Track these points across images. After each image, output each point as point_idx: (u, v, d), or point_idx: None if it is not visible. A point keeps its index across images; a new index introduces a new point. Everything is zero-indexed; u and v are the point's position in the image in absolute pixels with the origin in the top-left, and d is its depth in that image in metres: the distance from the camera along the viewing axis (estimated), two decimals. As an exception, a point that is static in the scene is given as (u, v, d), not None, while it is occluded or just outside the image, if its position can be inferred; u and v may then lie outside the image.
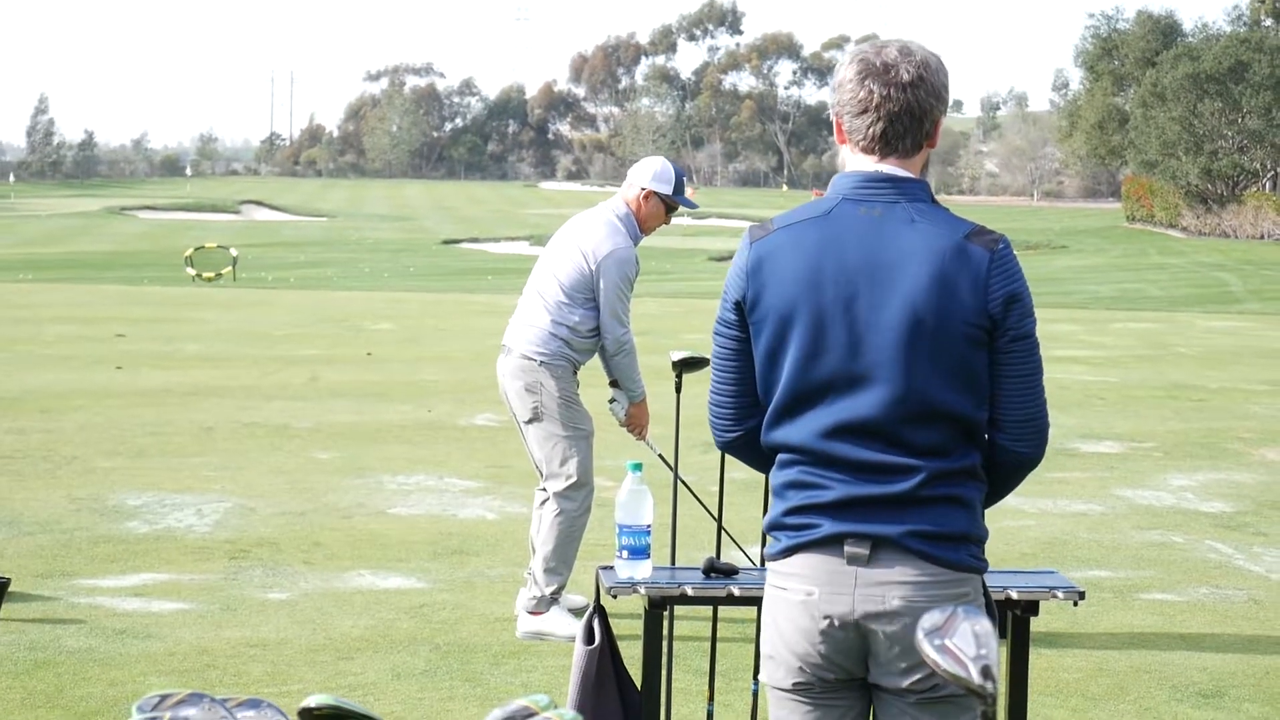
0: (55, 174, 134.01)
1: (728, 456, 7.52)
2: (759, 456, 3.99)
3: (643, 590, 5.74)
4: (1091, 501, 12.20)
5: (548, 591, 8.28)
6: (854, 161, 3.84)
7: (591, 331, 8.38)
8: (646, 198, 8.43)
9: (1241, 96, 71.89)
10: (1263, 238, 68.88)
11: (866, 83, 3.77)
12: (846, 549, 3.70)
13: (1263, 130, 73.11)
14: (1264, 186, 75.11)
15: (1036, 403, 3.84)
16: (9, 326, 25.55)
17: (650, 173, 8.45)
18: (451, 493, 12.04)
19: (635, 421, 8.63)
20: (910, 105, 3.76)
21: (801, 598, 3.74)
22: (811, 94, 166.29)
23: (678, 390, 7.34)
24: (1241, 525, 11.59)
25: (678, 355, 7.47)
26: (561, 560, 8.34)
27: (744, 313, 3.82)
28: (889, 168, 3.79)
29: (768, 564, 3.86)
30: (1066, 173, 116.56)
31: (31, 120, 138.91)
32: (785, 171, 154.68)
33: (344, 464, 13.12)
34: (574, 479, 8.31)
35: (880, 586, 3.69)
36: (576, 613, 8.42)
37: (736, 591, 5.89)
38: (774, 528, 3.84)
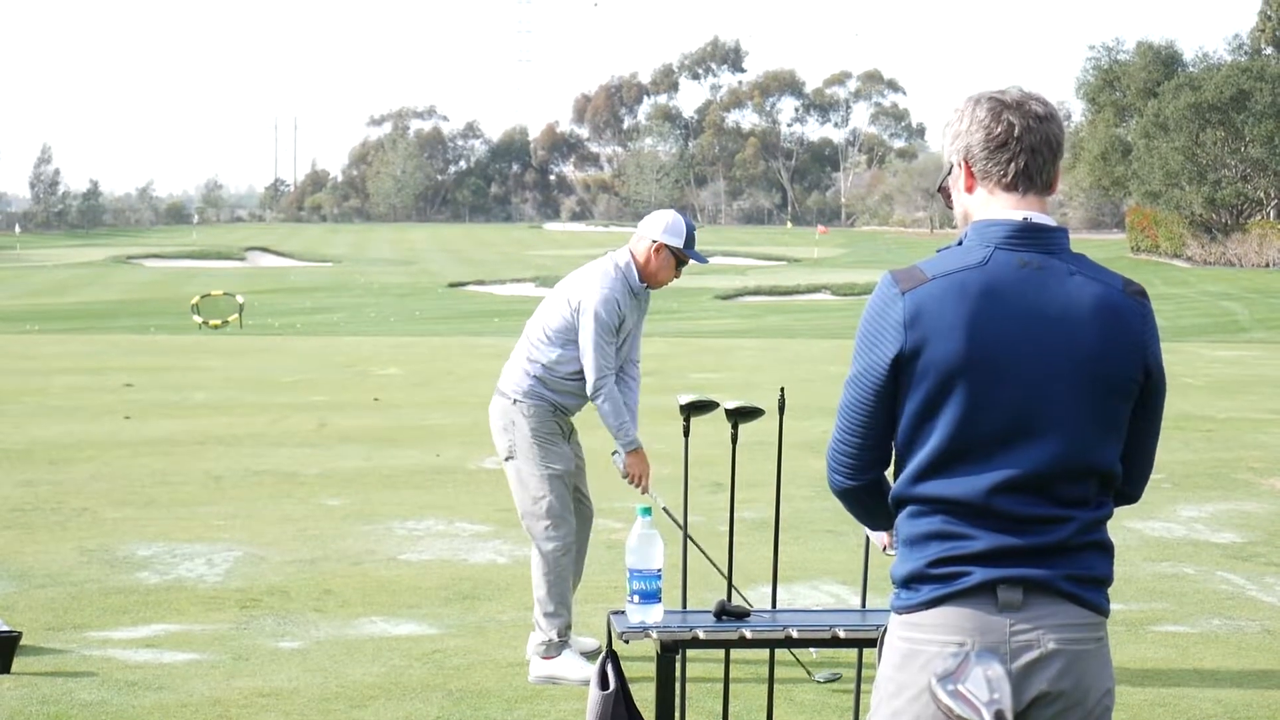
0: (60, 224, 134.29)
1: (737, 497, 7.55)
2: (866, 507, 3.91)
3: (655, 635, 5.75)
4: (1102, 535, 12.15)
5: (552, 635, 8.28)
6: (990, 205, 3.75)
7: (572, 375, 8.38)
8: (657, 251, 8.44)
9: (1244, 125, 72.04)
10: (1268, 266, 68.93)
11: (1004, 116, 3.70)
12: (1000, 595, 3.60)
13: (1266, 159, 73.25)
14: (1269, 215, 75.21)
15: (1154, 452, 3.88)
16: (17, 378, 25.58)
17: (661, 226, 8.46)
18: (462, 537, 12.03)
19: (632, 471, 8.57)
20: (1048, 137, 3.71)
21: (952, 650, 3.60)
22: (814, 130, 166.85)
23: (685, 435, 7.33)
24: (1253, 555, 11.58)
25: (685, 399, 7.47)
26: (559, 602, 8.33)
27: (899, 365, 3.67)
28: (1036, 216, 3.71)
29: (899, 615, 3.71)
30: (1070, 204, 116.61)
31: (35, 170, 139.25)
32: (789, 208, 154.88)
33: (353, 510, 13.12)
34: (547, 521, 8.33)
35: (1034, 631, 3.61)
36: (588, 655, 8.41)
37: (748, 634, 5.89)
38: (915, 579, 3.68)
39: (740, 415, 7.19)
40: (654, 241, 8.43)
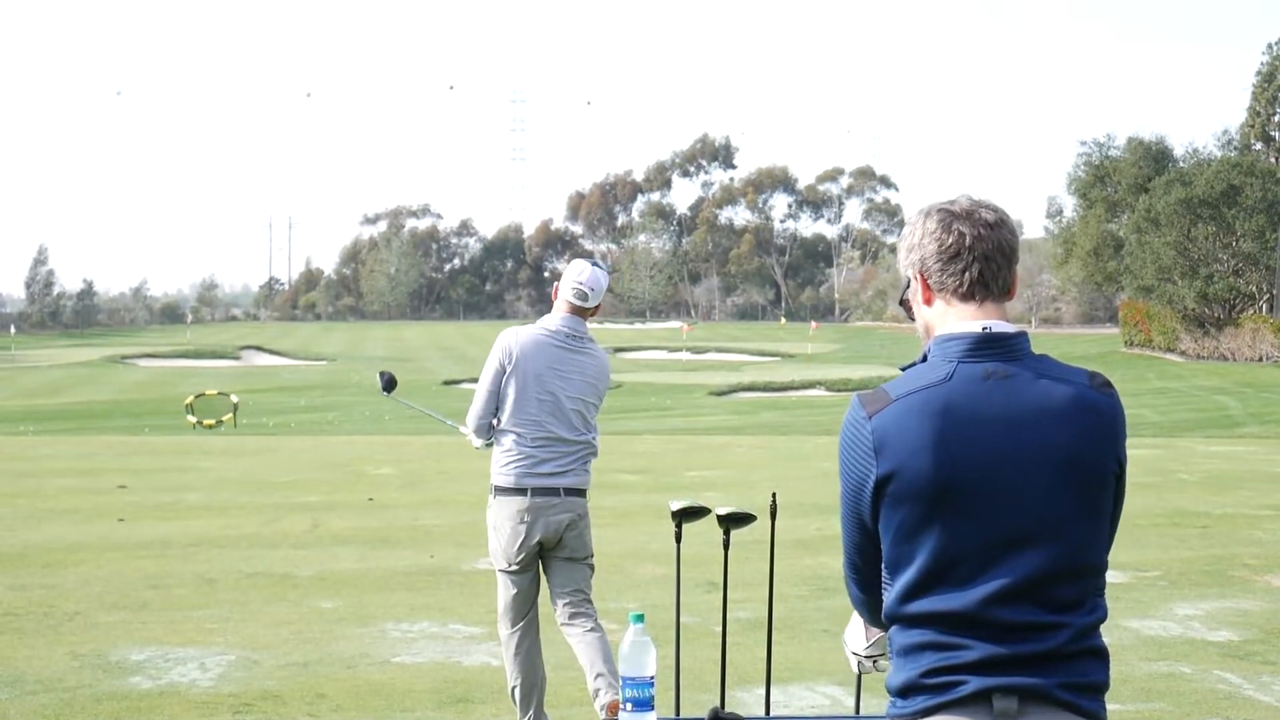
0: (55, 324, 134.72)
1: (730, 597, 7.54)
2: (874, 610, 3.95)
3: (648, 742, 5.71)
4: (1098, 633, 12.11)
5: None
6: (949, 316, 3.77)
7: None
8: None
9: (1235, 220, 72.43)
10: (1261, 360, 69.10)
11: (954, 227, 3.73)
12: (995, 704, 3.57)
13: (1257, 253, 73.60)
14: (1261, 309, 75.48)
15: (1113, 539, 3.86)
16: (10, 480, 25.53)
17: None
18: (455, 639, 11.99)
19: None
20: (1000, 243, 3.74)
21: None
22: (807, 226, 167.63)
23: (678, 540, 7.32)
24: (1250, 654, 11.53)
25: (677, 505, 7.46)
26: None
27: (877, 490, 3.67)
28: (996, 325, 3.73)
29: None
30: (1063, 299, 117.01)
31: (31, 271, 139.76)
32: (783, 304, 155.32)
33: (347, 612, 13.07)
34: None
35: None
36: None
37: (742, 740, 5.86)
38: (909, 689, 3.67)
39: (732, 521, 7.19)
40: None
